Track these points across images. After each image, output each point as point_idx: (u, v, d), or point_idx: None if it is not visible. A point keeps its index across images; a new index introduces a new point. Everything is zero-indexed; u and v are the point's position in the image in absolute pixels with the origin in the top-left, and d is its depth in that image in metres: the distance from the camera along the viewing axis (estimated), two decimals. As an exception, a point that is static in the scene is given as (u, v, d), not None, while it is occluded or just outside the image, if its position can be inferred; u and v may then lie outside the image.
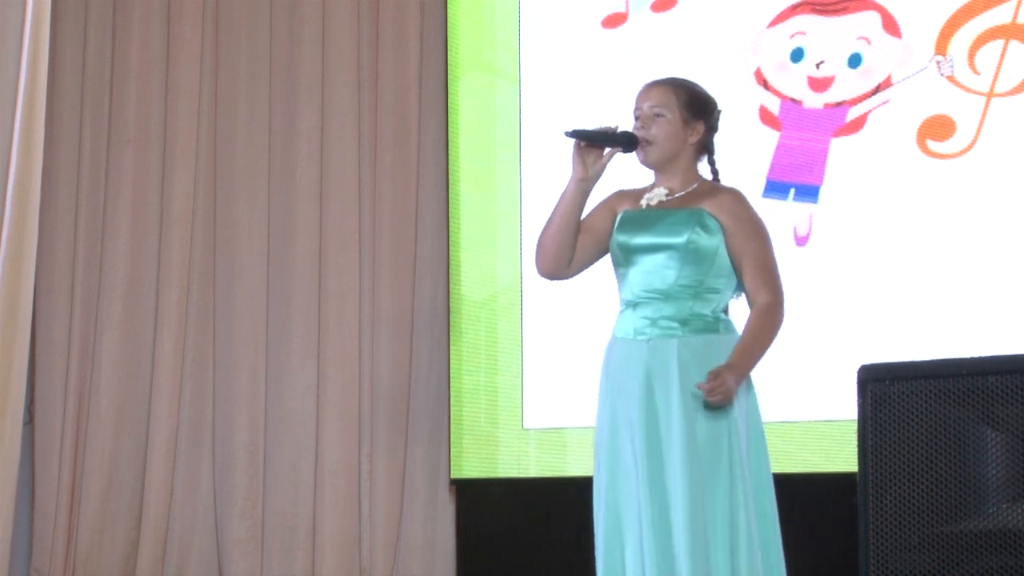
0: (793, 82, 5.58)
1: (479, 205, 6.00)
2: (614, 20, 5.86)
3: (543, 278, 4.04)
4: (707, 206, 3.81)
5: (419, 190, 6.19)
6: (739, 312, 3.90)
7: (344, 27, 6.30)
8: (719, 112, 3.96)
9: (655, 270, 3.79)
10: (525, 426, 5.83)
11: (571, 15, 5.93)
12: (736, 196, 3.87)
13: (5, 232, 5.63)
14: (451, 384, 5.97)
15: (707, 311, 3.78)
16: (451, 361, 5.98)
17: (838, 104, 5.50)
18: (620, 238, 3.86)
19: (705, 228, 3.78)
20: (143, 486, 6.20)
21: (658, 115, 3.85)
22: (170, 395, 6.22)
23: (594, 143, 3.82)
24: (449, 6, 6.15)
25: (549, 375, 5.81)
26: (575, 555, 4.21)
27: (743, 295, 3.87)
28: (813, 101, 5.54)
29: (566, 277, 4.00)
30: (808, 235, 5.47)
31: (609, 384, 3.84)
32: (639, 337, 3.78)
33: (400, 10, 6.25)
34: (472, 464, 5.92)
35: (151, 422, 6.22)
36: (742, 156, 5.57)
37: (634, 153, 3.87)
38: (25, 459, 6.10)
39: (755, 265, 3.80)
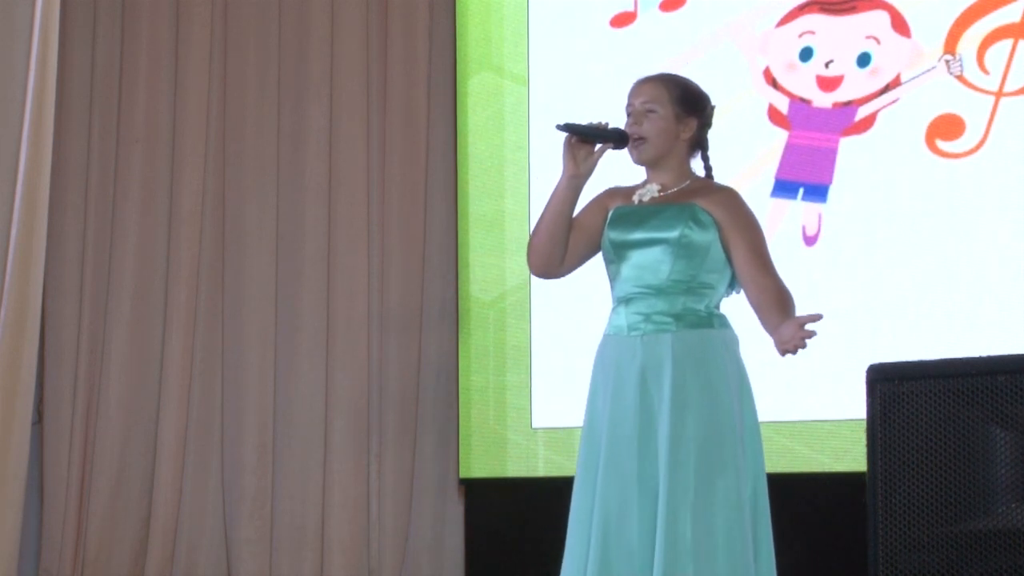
0: (802, 81, 5.58)
1: (488, 205, 6.00)
2: (623, 19, 5.86)
3: (536, 277, 4.02)
4: (701, 202, 3.78)
5: (427, 190, 6.19)
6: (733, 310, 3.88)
7: (353, 28, 6.30)
8: (713, 107, 3.91)
9: (648, 265, 3.76)
10: (534, 426, 5.83)
11: (580, 15, 5.93)
12: (732, 193, 3.84)
13: (14, 232, 5.64)
14: (460, 384, 5.97)
15: (700, 306, 3.75)
16: (460, 361, 5.98)
17: (847, 103, 5.50)
18: (612, 234, 3.82)
19: (698, 223, 3.75)
20: (152, 486, 6.20)
21: (650, 111, 3.81)
22: (179, 395, 6.23)
23: (585, 138, 3.79)
24: (458, 6, 6.15)
25: (558, 375, 5.81)
26: (584, 555, 4.21)
27: (736, 293, 3.84)
28: (822, 100, 5.54)
29: (559, 276, 3.96)
30: (817, 234, 5.47)
31: (604, 383, 3.80)
32: (632, 333, 3.76)
33: (408, 11, 6.26)
34: (481, 464, 5.92)
35: (160, 422, 6.23)
36: (751, 156, 5.58)
37: (626, 150, 3.83)
38: (34, 459, 6.11)
39: (756, 259, 3.74)
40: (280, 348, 6.22)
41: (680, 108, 3.83)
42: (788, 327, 3.56)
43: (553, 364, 5.82)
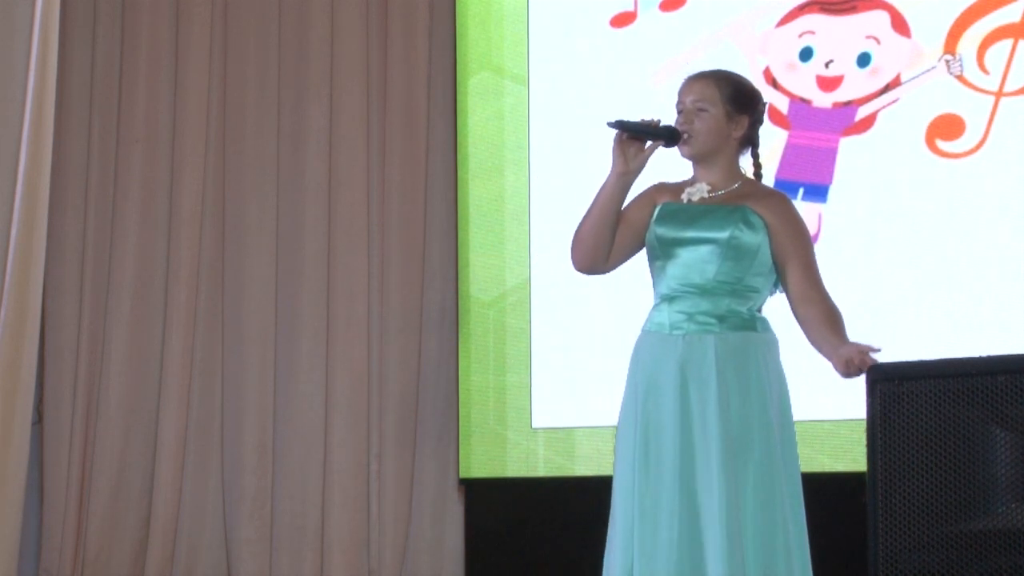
0: (802, 81, 5.58)
1: (488, 205, 6.00)
2: (623, 19, 5.86)
3: (580, 272, 3.92)
4: (752, 204, 3.76)
5: (428, 190, 6.19)
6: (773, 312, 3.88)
7: (353, 28, 6.30)
8: (764, 105, 3.89)
9: (694, 264, 3.73)
10: (533, 426, 5.83)
11: (580, 15, 5.93)
12: (784, 199, 3.84)
13: (14, 231, 5.64)
14: (459, 384, 5.97)
15: (744, 308, 3.73)
16: (460, 361, 5.98)
17: (847, 103, 5.50)
18: (660, 231, 3.79)
19: (748, 225, 3.73)
20: (152, 486, 6.20)
21: (701, 109, 3.77)
22: (179, 395, 6.22)
23: (636, 135, 3.74)
24: (458, 6, 6.15)
25: (558, 375, 5.81)
26: (583, 554, 4.21)
27: (779, 293, 3.83)
28: (822, 100, 5.54)
29: (603, 271, 3.89)
30: (817, 234, 5.46)
31: (641, 379, 3.77)
32: (675, 331, 3.73)
33: (408, 11, 6.26)
34: (480, 464, 5.92)
35: (160, 422, 6.22)
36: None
37: (676, 147, 3.79)
38: (34, 459, 6.11)
39: (804, 267, 3.75)
40: (280, 348, 6.22)
41: (732, 107, 3.80)
42: (851, 351, 3.61)
43: (553, 364, 5.82)
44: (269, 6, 6.39)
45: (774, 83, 5.60)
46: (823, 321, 3.71)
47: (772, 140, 5.56)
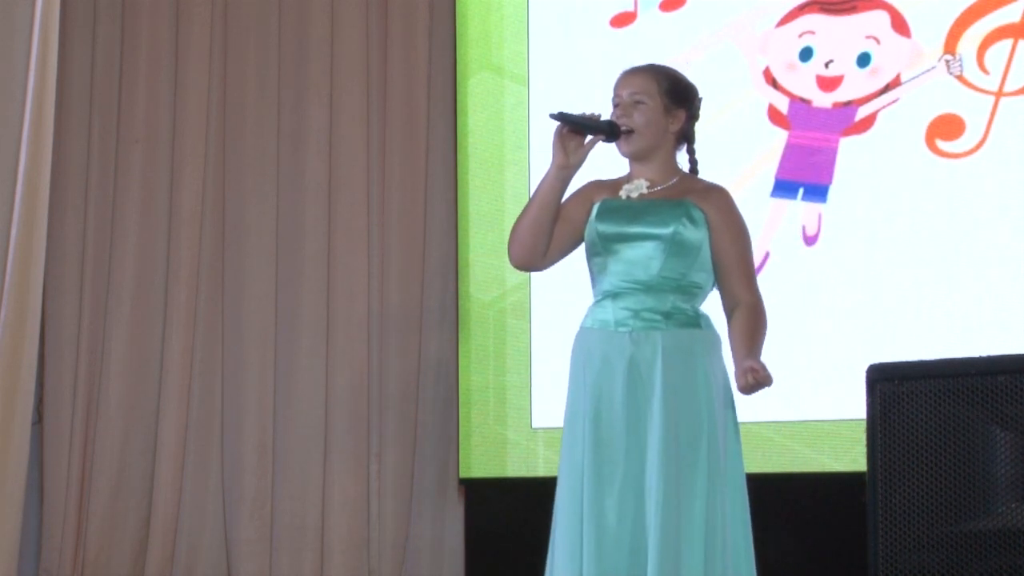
0: (802, 81, 5.58)
1: (487, 205, 6.00)
2: (623, 19, 5.86)
3: (516, 268, 3.98)
4: (694, 199, 3.77)
5: (428, 190, 6.19)
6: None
7: (353, 27, 6.30)
8: (700, 100, 3.90)
9: (638, 261, 3.74)
10: (534, 426, 5.83)
11: (580, 15, 5.93)
12: (725, 194, 3.84)
13: (14, 231, 5.63)
14: (459, 384, 5.97)
15: (688, 306, 3.74)
16: (459, 361, 5.98)
17: (847, 103, 5.50)
18: (601, 227, 3.79)
19: (692, 220, 3.74)
20: (152, 486, 6.20)
21: (639, 102, 3.79)
22: (179, 395, 6.23)
23: (577, 129, 3.76)
24: (458, 6, 6.15)
25: (558, 374, 5.78)
26: (583, 554, 4.20)
27: (718, 293, 3.84)
28: (822, 100, 5.54)
29: (540, 268, 3.92)
30: (817, 235, 5.47)
31: (589, 378, 3.78)
32: (620, 328, 3.74)
33: (409, 10, 6.26)
34: (480, 464, 5.92)
35: (160, 422, 6.23)
36: (751, 156, 5.58)
37: (615, 143, 3.81)
38: (34, 459, 6.11)
39: (740, 266, 3.77)
40: (280, 348, 6.22)
41: (669, 100, 3.82)
42: (748, 368, 3.60)
43: (553, 364, 5.81)
44: (269, 6, 6.39)
45: (774, 83, 5.60)
46: (743, 328, 3.73)
47: (772, 140, 5.56)
